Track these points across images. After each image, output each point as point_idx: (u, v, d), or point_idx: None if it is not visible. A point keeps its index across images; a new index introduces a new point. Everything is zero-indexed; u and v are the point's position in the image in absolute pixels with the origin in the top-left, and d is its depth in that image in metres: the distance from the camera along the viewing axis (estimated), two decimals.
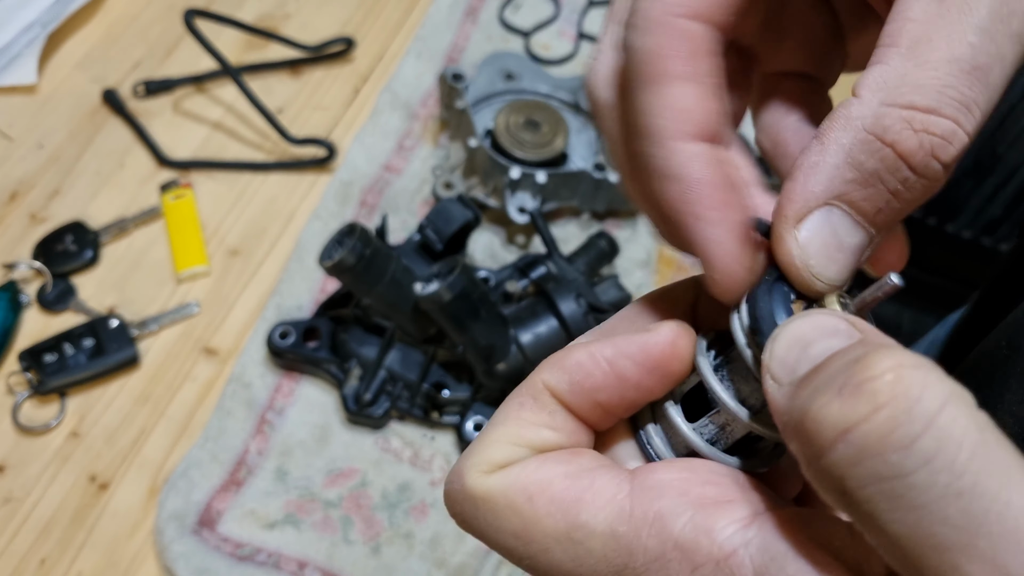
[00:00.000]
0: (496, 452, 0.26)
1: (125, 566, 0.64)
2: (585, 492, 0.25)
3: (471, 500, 0.26)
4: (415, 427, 0.71)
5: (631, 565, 0.24)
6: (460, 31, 0.94)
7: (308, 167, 0.83)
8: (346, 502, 0.67)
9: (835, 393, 0.20)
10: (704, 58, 0.26)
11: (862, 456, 0.19)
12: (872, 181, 0.24)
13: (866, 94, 0.24)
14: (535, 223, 0.76)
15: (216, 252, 0.78)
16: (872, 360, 0.20)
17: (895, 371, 0.19)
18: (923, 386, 0.19)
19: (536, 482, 0.25)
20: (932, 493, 0.19)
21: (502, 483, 0.25)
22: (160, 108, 0.86)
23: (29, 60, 0.85)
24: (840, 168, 0.24)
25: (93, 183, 0.80)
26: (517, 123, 0.80)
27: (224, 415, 0.69)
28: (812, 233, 0.25)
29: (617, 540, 0.24)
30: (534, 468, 0.26)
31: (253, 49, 0.90)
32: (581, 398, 0.26)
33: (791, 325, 0.23)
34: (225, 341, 0.74)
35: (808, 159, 0.24)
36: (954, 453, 0.18)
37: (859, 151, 0.24)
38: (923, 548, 0.19)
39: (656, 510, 0.24)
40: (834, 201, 0.24)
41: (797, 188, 0.25)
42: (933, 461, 0.19)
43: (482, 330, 0.64)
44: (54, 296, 0.73)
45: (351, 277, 0.64)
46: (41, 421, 0.68)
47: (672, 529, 0.23)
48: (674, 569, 0.23)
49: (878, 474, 0.19)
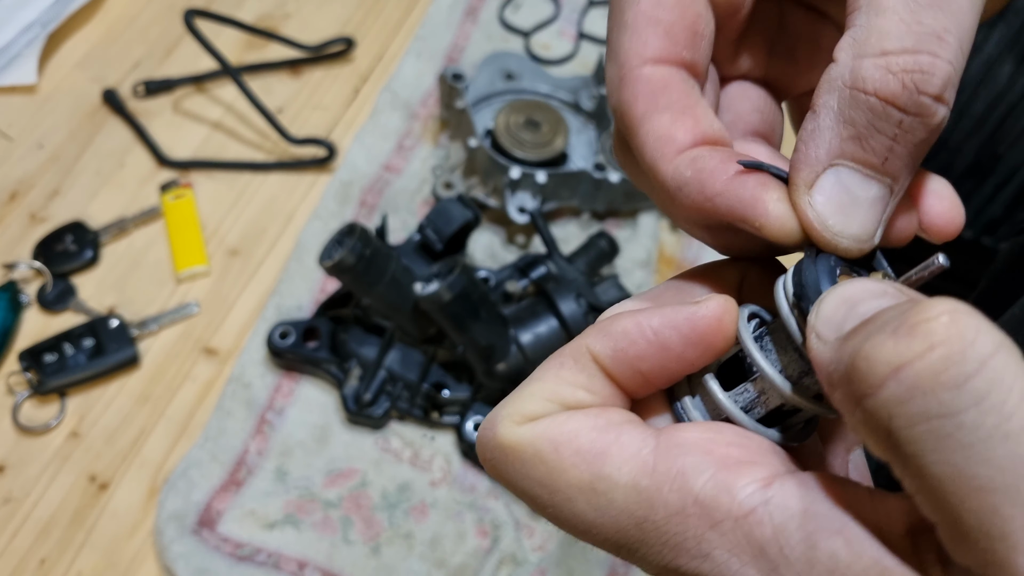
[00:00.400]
0: (530, 405, 0.27)
1: (125, 566, 0.64)
2: (611, 445, 0.25)
3: (501, 448, 0.27)
4: (415, 427, 0.71)
5: (651, 518, 0.24)
6: (460, 31, 0.94)
7: (308, 167, 0.83)
8: (346, 502, 0.67)
9: (889, 333, 0.20)
10: (673, 91, 0.28)
11: (913, 393, 0.19)
12: (868, 133, 0.24)
13: (840, 55, 0.25)
14: (535, 223, 0.76)
15: (216, 252, 0.78)
16: (927, 304, 0.20)
17: (951, 314, 0.19)
18: (977, 330, 0.19)
19: (564, 433, 0.26)
20: (980, 433, 0.19)
21: (531, 433, 0.26)
22: (160, 108, 0.86)
23: (29, 60, 0.85)
24: (835, 128, 0.25)
25: (93, 183, 0.80)
26: (517, 123, 0.80)
27: (224, 415, 0.69)
28: (825, 195, 0.25)
29: (639, 493, 0.24)
30: (563, 420, 0.26)
31: (253, 49, 0.90)
32: (623, 365, 0.27)
33: (839, 288, 0.24)
34: (225, 341, 0.74)
35: (805, 130, 0.26)
36: (1005, 395, 0.19)
37: (848, 107, 0.24)
38: (965, 490, 0.19)
39: (679, 466, 0.24)
40: (837, 161, 0.25)
41: (800, 157, 0.26)
42: (983, 402, 0.19)
43: (482, 330, 0.64)
44: (54, 296, 0.73)
45: (351, 277, 0.64)
46: (41, 421, 0.68)
47: (693, 485, 0.24)
48: (693, 524, 0.24)
49: (928, 412, 0.19)
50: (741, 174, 0.26)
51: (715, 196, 0.26)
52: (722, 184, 0.26)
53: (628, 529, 0.25)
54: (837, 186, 0.25)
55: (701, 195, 0.27)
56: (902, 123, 0.24)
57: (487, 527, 0.67)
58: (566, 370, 0.27)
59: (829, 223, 0.25)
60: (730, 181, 0.26)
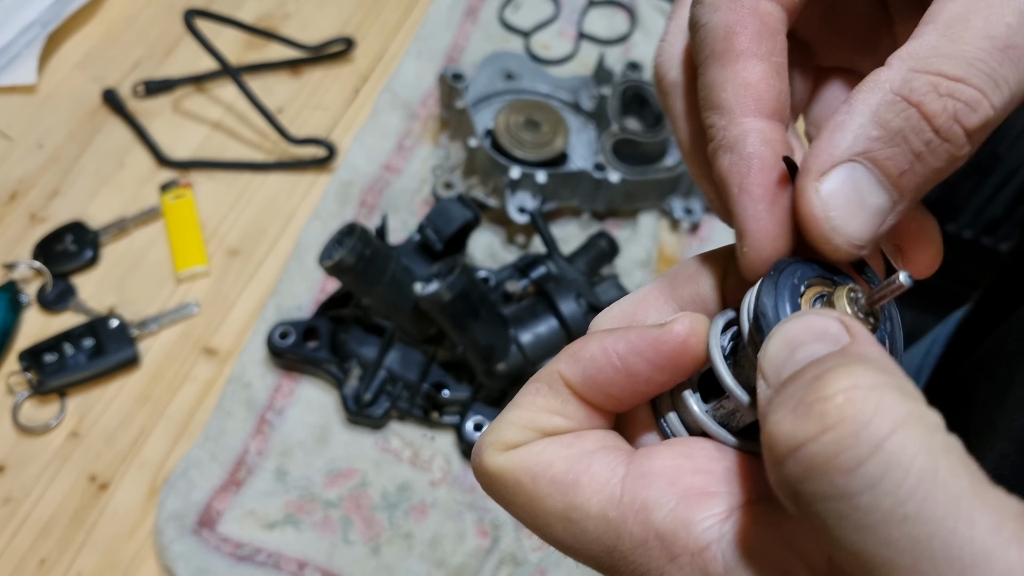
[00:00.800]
0: (509, 433, 0.28)
1: (125, 566, 0.64)
2: (582, 475, 0.26)
3: (487, 475, 0.28)
4: (415, 427, 0.71)
5: (619, 548, 0.25)
6: (460, 31, 0.94)
7: (308, 167, 0.83)
8: (346, 502, 0.67)
9: (790, 409, 0.20)
10: (772, 37, 0.27)
11: (810, 475, 0.20)
12: (896, 140, 0.24)
13: (896, 62, 0.25)
14: (535, 223, 0.76)
15: (216, 252, 0.78)
16: (828, 379, 0.20)
17: (847, 393, 0.20)
18: (875, 410, 0.19)
19: (539, 464, 0.27)
20: (876, 516, 0.19)
21: (511, 463, 0.27)
22: (160, 108, 0.86)
23: (29, 60, 0.85)
24: (866, 126, 0.25)
25: (93, 183, 0.80)
26: (517, 123, 0.80)
27: (224, 415, 0.69)
28: (835, 187, 0.25)
29: (608, 524, 0.26)
30: (539, 450, 0.27)
31: (253, 49, 0.90)
32: (594, 390, 0.28)
33: (785, 326, 0.24)
34: (225, 341, 0.74)
35: (835, 119, 0.25)
36: (900, 479, 0.19)
37: (885, 110, 0.24)
38: (870, 565, 0.19)
39: (642, 499, 0.25)
40: (858, 157, 0.25)
41: (822, 144, 0.25)
42: (878, 486, 0.19)
43: (482, 330, 0.64)
44: (54, 296, 0.73)
45: (351, 277, 0.64)
46: (41, 421, 0.68)
47: (655, 519, 0.25)
48: (655, 556, 0.25)
49: (825, 493, 0.19)
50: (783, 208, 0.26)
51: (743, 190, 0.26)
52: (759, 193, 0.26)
53: (600, 555, 0.26)
54: (848, 182, 0.25)
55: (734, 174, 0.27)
56: (930, 143, 0.24)
57: (487, 527, 0.67)
58: (541, 397, 0.28)
59: (832, 215, 0.25)
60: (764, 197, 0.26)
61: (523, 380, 0.67)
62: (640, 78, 0.85)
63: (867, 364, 0.20)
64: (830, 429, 0.19)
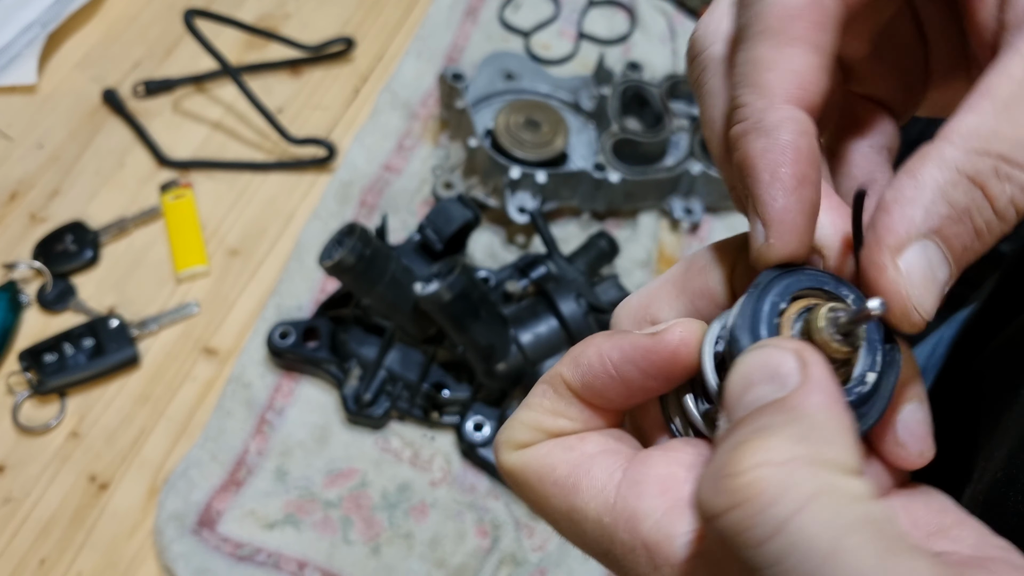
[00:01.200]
0: (519, 433, 0.29)
1: (125, 566, 0.64)
2: (582, 479, 0.27)
3: (504, 471, 0.29)
4: (415, 427, 0.71)
5: (612, 552, 0.26)
6: (460, 31, 0.94)
7: (308, 167, 0.83)
8: (346, 502, 0.67)
9: (710, 478, 0.21)
10: (829, 30, 0.27)
11: (724, 543, 0.21)
12: (963, 218, 0.25)
13: (958, 139, 0.24)
14: (535, 223, 0.76)
15: (216, 252, 0.78)
16: (742, 453, 0.21)
17: (755, 471, 0.20)
18: (781, 489, 0.20)
19: (544, 466, 0.28)
20: None
21: (520, 462, 0.29)
22: (160, 108, 0.86)
23: (29, 60, 0.85)
24: (936, 203, 0.24)
25: (93, 183, 0.80)
26: (517, 123, 0.80)
27: (224, 415, 0.69)
28: (912, 264, 0.25)
29: (602, 529, 0.26)
30: (544, 453, 0.28)
31: (253, 49, 0.90)
32: (593, 394, 0.28)
33: (745, 358, 0.24)
34: (225, 341, 0.74)
35: (903, 193, 0.25)
36: (802, 559, 0.19)
37: (953, 189, 0.24)
38: None
39: (632, 508, 0.26)
40: (931, 234, 0.25)
41: (896, 219, 0.25)
42: (781, 563, 0.19)
43: (482, 330, 0.64)
44: (54, 296, 0.73)
45: (351, 277, 0.64)
46: (41, 421, 0.68)
47: (642, 529, 0.25)
48: (642, 563, 0.25)
49: (738, 560, 0.20)
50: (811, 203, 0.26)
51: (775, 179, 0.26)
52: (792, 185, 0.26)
53: (598, 555, 0.27)
54: (923, 259, 0.25)
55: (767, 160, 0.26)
56: (989, 223, 0.25)
57: (487, 527, 0.67)
58: (547, 399, 0.29)
59: (912, 292, 0.25)
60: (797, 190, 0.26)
61: (523, 380, 0.67)
62: (640, 78, 0.85)
63: (787, 433, 0.21)
64: (737, 507, 0.20)
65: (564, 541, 0.66)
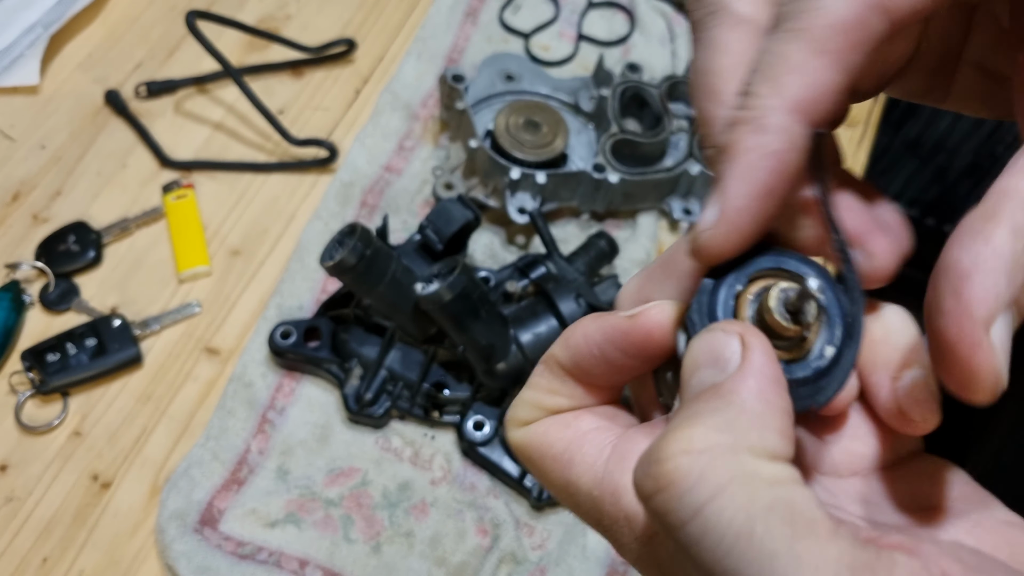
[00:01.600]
0: (522, 412, 0.31)
1: (127, 565, 0.64)
2: (576, 455, 0.29)
3: (512, 446, 0.31)
4: (415, 427, 0.71)
5: (602, 522, 0.28)
6: (460, 32, 0.94)
7: (309, 168, 0.84)
8: (347, 501, 0.67)
9: (644, 462, 0.23)
10: (863, 53, 0.25)
11: (656, 521, 0.23)
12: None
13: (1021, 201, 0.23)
14: (535, 223, 0.77)
15: (217, 252, 0.78)
16: (667, 441, 0.23)
17: (677, 459, 0.22)
18: (699, 476, 0.22)
19: (544, 443, 0.30)
20: (704, 568, 0.21)
21: (524, 439, 0.31)
22: (162, 109, 0.86)
23: (31, 61, 0.85)
24: (1015, 272, 0.22)
25: (95, 183, 0.81)
26: (517, 124, 0.80)
27: (225, 414, 0.69)
28: (999, 339, 0.22)
29: (593, 501, 0.28)
30: (543, 431, 0.30)
31: (254, 50, 0.91)
32: (582, 373, 0.30)
33: (697, 341, 0.25)
34: (226, 341, 0.74)
35: (983, 260, 0.22)
36: (717, 540, 0.21)
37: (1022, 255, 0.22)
38: None
39: (615, 483, 0.27)
40: (1011, 305, 0.23)
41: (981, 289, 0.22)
42: (700, 543, 0.21)
43: (482, 330, 0.64)
44: (56, 296, 0.74)
45: (352, 277, 0.64)
46: (43, 420, 0.69)
47: (624, 502, 0.27)
48: (626, 533, 0.27)
49: (671, 538, 0.22)
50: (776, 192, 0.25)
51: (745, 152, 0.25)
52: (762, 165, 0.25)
53: (592, 524, 0.29)
54: (1006, 331, 0.23)
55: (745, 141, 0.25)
56: None
57: (487, 526, 0.67)
58: (544, 379, 0.31)
59: (1002, 372, 0.23)
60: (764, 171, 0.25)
61: (523, 380, 0.67)
62: (639, 79, 0.85)
63: (714, 420, 0.23)
64: (661, 491, 0.22)
65: (564, 541, 0.67)
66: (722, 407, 0.23)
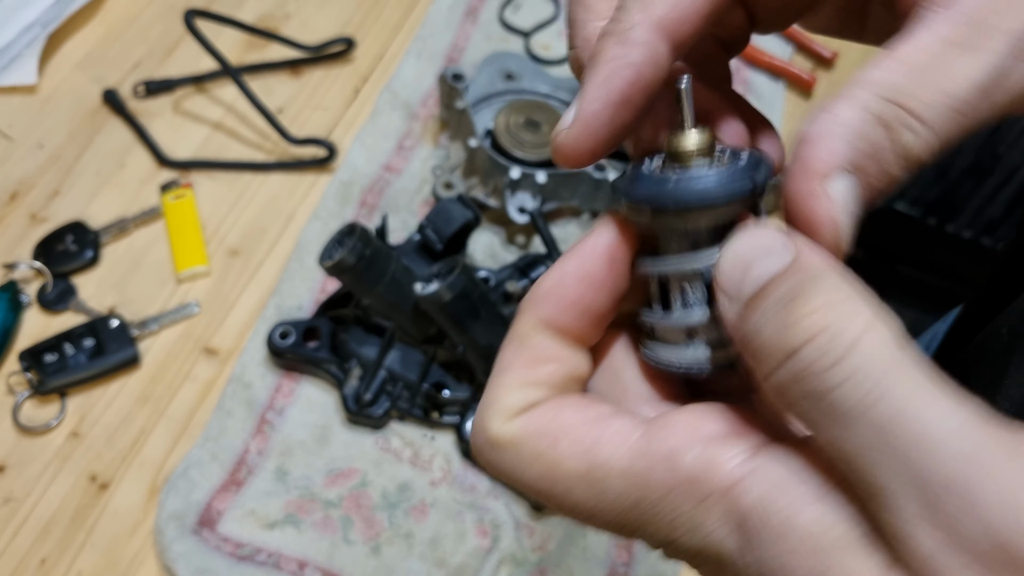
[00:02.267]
0: (513, 397, 0.28)
1: (125, 566, 0.64)
2: (603, 434, 0.27)
3: (496, 448, 0.28)
4: (415, 427, 0.71)
5: (648, 498, 0.26)
6: (460, 31, 0.94)
7: (308, 167, 0.83)
8: (346, 502, 0.67)
9: (777, 327, 0.24)
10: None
11: (799, 376, 0.23)
12: (876, 156, 0.26)
13: (868, 87, 0.26)
14: (535, 223, 0.76)
15: (216, 252, 0.78)
16: (805, 299, 0.23)
17: (823, 310, 0.23)
18: (848, 318, 0.23)
19: (559, 427, 0.27)
20: (850, 403, 0.22)
21: (527, 429, 0.28)
22: (160, 108, 0.86)
23: (29, 60, 0.85)
24: (855, 139, 0.26)
25: (93, 183, 0.81)
26: (517, 123, 0.80)
27: (224, 415, 0.69)
28: (839, 193, 0.26)
29: (634, 477, 0.26)
30: (555, 414, 0.28)
31: (253, 49, 0.90)
32: (567, 315, 0.29)
33: (734, 245, 0.26)
34: (225, 341, 0.74)
35: (825, 127, 0.26)
36: (869, 371, 0.22)
37: (867, 127, 0.26)
38: (848, 452, 0.22)
39: (668, 447, 0.26)
40: (849, 167, 0.26)
41: (821, 149, 0.26)
42: (851, 378, 0.22)
43: (482, 330, 0.64)
44: (54, 296, 0.73)
45: (351, 277, 0.64)
46: (41, 421, 0.68)
47: (682, 463, 0.25)
48: (683, 501, 0.25)
49: (812, 391, 0.23)
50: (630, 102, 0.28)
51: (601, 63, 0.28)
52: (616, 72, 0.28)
53: (626, 511, 0.26)
54: (848, 191, 0.26)
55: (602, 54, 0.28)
56: (891, 167, 0.27)
57: (487, 527, 0.67)
58: (524, 349, 0.29)
59: (843, 221, 0.26)
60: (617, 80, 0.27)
61: None
62: None
63: (829, 279, 0.24)
64: (813, 339, 0.23)
65: (564, 542, 0.66)
66: (816, 276, 0.24)
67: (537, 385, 0.28)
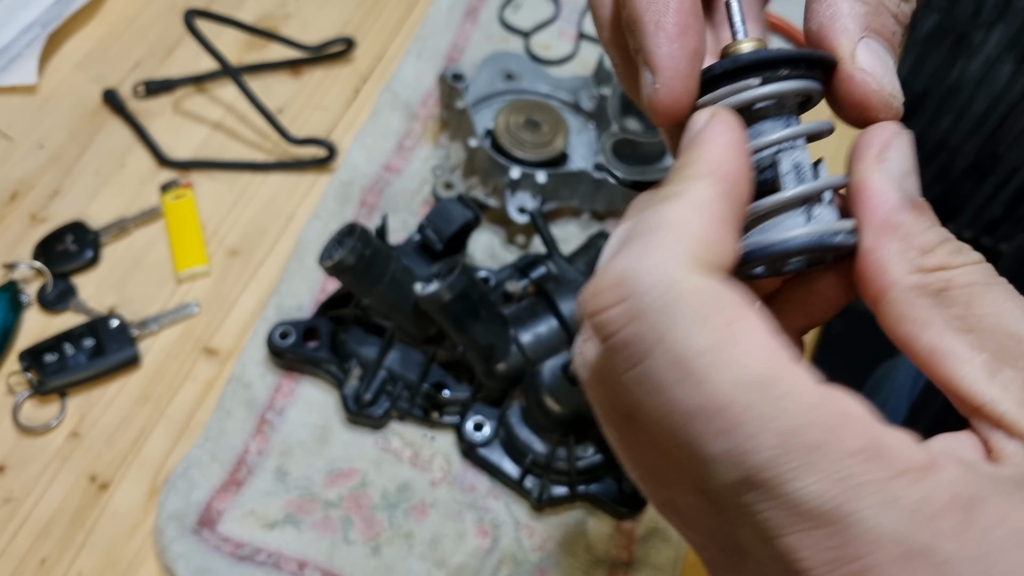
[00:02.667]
0: (710, 245, 0.25)
1: (125, 566, 0.64)
2: (790, 363, 0.23)
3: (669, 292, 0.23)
4: (415, 427, 0.71)
5: (830, 443, 0.22)
6: (460, 31, 0.94)
7: (308, 167, 0.83)
8: (346, 502, 0.67)
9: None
10: None
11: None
12: (879, 11, 0.29)
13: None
14: (535, 223, 0.76)
15: (216, 252, 0.78)
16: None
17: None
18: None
19: (746, 315, 0.24)
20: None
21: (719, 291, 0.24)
22: (160, 108, 0.86)
23: (29, 60, 0.85)
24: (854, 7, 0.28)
25: (93, 183, 0.81)
26: (517, 123, 0.80)
27: (224, 415, 0.69)
28: (869, 63, 0.28)
29: (821, 408, 0.22)
30: (741, 300, 0.24)
31: (253, 49, 0.90)
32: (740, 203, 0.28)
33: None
34: (225, 341, 0.74)
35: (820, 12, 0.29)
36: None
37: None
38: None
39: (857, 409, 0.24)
40: (866, 33, 0.28)
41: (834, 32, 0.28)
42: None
43: (482, 330, 0.64)
44: (54, 296, 0.74)
45: (351, 277, 0.64)
46: (41, 421, 0.68)
47: (878, 433, 0.22)
48: (870, 468, 0.22)
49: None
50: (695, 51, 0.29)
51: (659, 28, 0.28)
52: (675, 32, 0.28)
53: (791, 449, 0.22)
54: (874, 55, 0.28)
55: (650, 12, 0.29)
56: (900, 6, 0.29)
57: (487, 527, 0.67)
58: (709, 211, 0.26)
59: (886, 84, 0.28)
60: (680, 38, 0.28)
61: (523, 380, 0.67)
62: None
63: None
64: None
65: (564, 542, 0.66)
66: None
67: (724, 245, 0.25)
